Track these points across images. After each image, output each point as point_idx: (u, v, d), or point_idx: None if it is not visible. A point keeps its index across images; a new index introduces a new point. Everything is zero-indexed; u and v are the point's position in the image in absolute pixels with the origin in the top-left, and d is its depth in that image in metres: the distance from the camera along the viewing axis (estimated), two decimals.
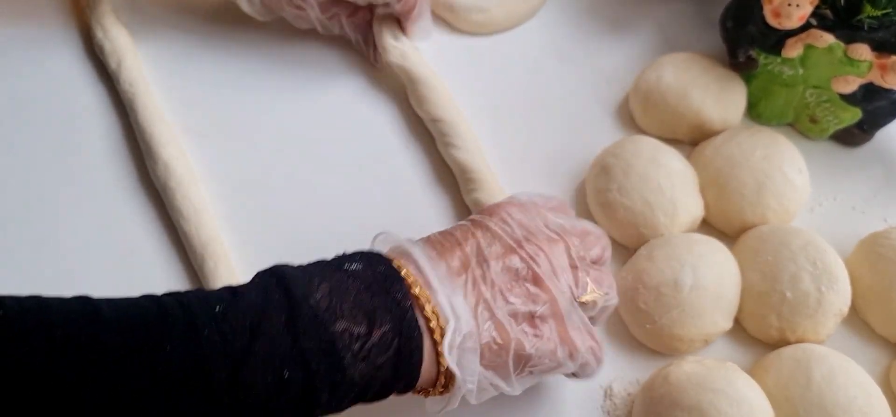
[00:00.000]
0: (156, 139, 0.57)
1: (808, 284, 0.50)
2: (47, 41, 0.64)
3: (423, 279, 0.40)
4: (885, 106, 0.57)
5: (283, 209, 0.57)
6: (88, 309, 0.36)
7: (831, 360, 0.48)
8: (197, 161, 0.59)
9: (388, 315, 0.38)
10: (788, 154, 0.56)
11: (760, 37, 0.56)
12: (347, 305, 0.38)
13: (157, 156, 0.56)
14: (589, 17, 0.67)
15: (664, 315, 0.50)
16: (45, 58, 0.63)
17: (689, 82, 0.59)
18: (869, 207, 0.58)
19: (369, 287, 0.39)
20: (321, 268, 0.40)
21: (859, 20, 0.53)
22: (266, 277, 0.39)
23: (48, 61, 0.63)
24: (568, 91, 0.63)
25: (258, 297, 0.37)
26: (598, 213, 0.56)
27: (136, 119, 0.58)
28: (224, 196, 0.58)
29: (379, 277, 0.39)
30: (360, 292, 0.38)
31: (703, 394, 0.46)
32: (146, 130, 0.57)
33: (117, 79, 0.60)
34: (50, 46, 0.63)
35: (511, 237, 0.43)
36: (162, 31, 0.64)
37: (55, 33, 0.64)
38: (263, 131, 0.60)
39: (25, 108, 0.61)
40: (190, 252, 0.54)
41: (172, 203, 0.55)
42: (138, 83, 0.60)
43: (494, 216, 0.44)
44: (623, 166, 0.55)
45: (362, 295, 0.38)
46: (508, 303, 0.42)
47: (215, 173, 0.59)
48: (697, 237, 0.53)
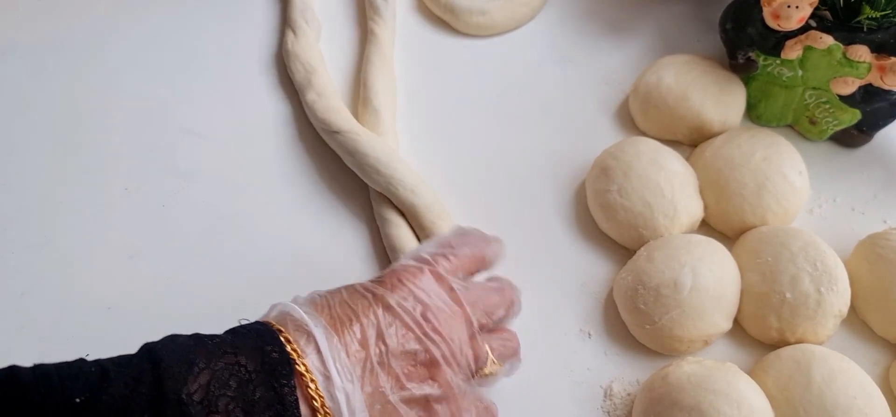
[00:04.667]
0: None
1: (807, 285, 0.50)
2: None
3: (323, 367, 0.39)
4: (884, 107, 0.57)
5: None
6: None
7: (831, 361, 0.48)
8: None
9: (266, 410, 0.36)
10: (788, 155, 0.56)
11: (760, 38, 0.56)
12: (224, 401, 0.36)
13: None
14: (589, 18, 0.67)
15: (664, 315, 0.50)
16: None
17: (688, 84, 0.59)
18: (868, 208, 0.58)
19: (253, 378, 0.37)
20: (206, 352, 0.37)
21: (858, 22, 0.53)
22: (143, 360, 0.37)
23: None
24: (568, 92, 0.64)
25: (126, 388, 0.35)
26: (597, 214, 0.56)
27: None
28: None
29: (268, 366, 0.37)
30: (243, 383, 0.36)
31: (702, 395, 0.46)
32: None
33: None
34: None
35: (411, 317, 0.42)
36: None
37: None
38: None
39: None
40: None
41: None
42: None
43: (396, 289, 0.42)
44: (623, 167, 0.55)
45: (245, 387, 0.36)
46: (404, 390, 0.40)
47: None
48: (697, 238, 0.53)
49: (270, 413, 0.36)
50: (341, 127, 0.57)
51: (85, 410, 0.34)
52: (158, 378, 0.35)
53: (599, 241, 0.57)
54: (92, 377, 0.35)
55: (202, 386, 0.36)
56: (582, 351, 0.52)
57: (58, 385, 0.35)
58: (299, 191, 0.58)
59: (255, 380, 0.37)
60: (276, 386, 0.37)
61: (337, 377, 0.39)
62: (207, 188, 0.58)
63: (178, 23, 0.67)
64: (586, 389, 0.51)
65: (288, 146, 0.60)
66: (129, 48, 0.65)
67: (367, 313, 0.42)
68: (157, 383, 0.35)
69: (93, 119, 0.61)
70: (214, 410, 0.35)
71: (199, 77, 0.64)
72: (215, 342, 0.38)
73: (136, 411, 0.34)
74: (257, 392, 0.36)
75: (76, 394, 0.34)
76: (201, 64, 0.65)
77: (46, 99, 0.62)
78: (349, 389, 0.39)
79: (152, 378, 0.35)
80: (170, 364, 0.36)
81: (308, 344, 0.39)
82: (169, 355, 0.37)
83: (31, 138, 0.60)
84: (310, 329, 0.40)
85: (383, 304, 0.42)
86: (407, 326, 0.42)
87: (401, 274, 0.44)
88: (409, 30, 0.67)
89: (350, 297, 0.42)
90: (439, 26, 0.67)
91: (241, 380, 0.37)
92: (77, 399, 0.34)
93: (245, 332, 0.39)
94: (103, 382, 0.35)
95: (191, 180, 0.58)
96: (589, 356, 0.52)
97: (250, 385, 0.37)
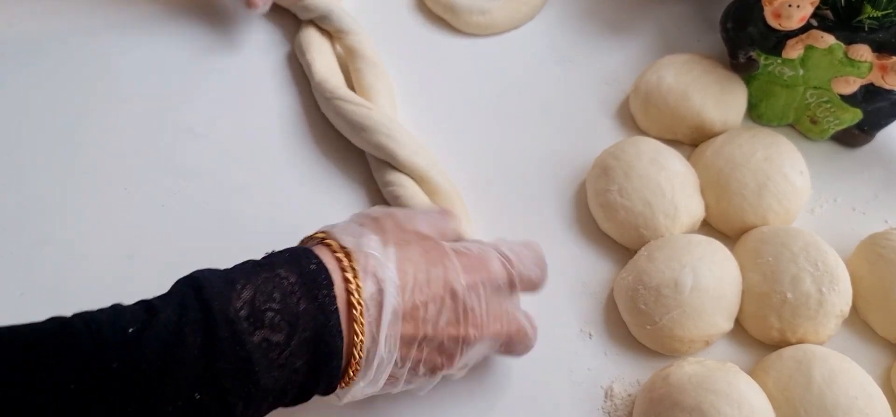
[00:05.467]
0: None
1: (808, 285, 0.50)
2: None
3: (372, 273, 0.40)
4: (885, 107, 0.57)
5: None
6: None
7: (832, 361, 0.48)
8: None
9: (311, 321, 0.37)
10: (789, 155, 0.56)
11: (761, 38, 0.56)
12: (269, 313, 0.37)
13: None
14: (589, 18, 0.67)
15: (665, 316, 0.50)
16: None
17: (689, 83, 0.59)
18: (869, 208, 0.58)
19: (295, 290, 0.38)
20: (247, 271, 0.39)
21: (860, 21, 0.53)
22: (184, 288, 0.38)
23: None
24: (568, 92, 0.63)
25: (174, 315, 0.36)
26: (598, 214, 0.56)
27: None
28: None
29: (307, 278, 0.38)
30: (286, 295, 0.37)
31: (703, 395, 0.46)
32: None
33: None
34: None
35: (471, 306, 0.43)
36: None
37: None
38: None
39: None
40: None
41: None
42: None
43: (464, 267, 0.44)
44: (624, 167, 0.55)
45: (287, 299, 0.37)
46: (433, 332, 0.42)
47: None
48: (698, 238, 0.53)
49: (313, 324, 0.37)
50: (349, 96, 0.58)
51: (138, 340, 0.35)
52: (204, 300, 0.36)
53: (600, 241, 0.57)
54: (137, 311, 0.36)
55: (247, 301, 0.37)
56: (582, 352, 0.52)
57: (107, 322, 0.35)
58: (300, 191, 0.58)
59: (298, 292, 0.38)
60: (318, 297, 0.38)
61: (387, 278, 0.40)
62: (207, 187, 0.58)
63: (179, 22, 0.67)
64: (587, 389, 0.51)
65: (288, 146, 0.60)
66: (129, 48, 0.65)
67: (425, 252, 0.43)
68: (203, 305, 0.36)
69: (92, 118, 0.61)
70: (261, 324, 0.36)
71: (198, 76, 0.64)
72: (251, 264, 0.39)
73: (187, 334, 0.35)
74: (301, 303, 0.37)
75: (128, 326, 0.35)
76: (201, 63, 0.64)
77: (46, 98, 0.61)
78: (394, 300, 0.40)
79: (198, 302, 0.36)
80: (213, 286, 0.37)
81: (365, 262, 0.40)
82: (209, 279, 0.37)
83: (31, 138, 0.60)
84: (360, 235, 0.41)
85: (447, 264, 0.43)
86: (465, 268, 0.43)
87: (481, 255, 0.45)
88: (409, 30, 0.67)
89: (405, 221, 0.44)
90: (439, 26, 0.67)
91: (283, 292, 0.37)
92: (129, 329, 0.35)
93: (279, 254, 0.41)
94: (151, 313, 0.36)
95: (190, 179, 0.58)
96: (589, 356, 0.52)
97: (293, 296, 0.37)
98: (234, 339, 0.36)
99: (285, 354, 0.37)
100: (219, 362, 0.35)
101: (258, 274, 0.38)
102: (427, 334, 0.42)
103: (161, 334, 0.35)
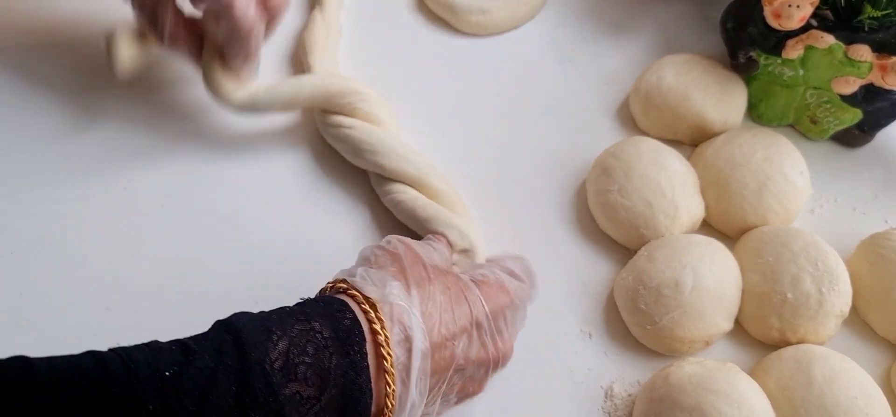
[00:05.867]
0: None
1: (808, 285, 0.50)
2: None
3: (400, 319, 0.40)
4: (885, 107, 0.57)
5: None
6: (21, 369, 0.34)
7: (832, 361, 0.48)
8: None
9: (341, 378, 0.38)
10: (789, 155, 0.56)
11: (761, 38, 0.56)
12: (302, 367, 0.37)
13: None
14: (589, 18, 0.67)
15: (665, 316, 0.50)
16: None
17: (689, 83, 0.59)
18: (869, 208, 0.58)
19: (328, 345, 0.38)
20: (283, 320, 0.39)
21: (860, 21, 0.53)
22: (222, 333, 0.38)
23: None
24: (568, 92, 0.63)
25: (211, 360, 0.36)
26: (598, 214, 0.56)
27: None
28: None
29: (341, 332, 0.39)
30: (319, 349, 0.38)
31: (703, 395, 0.46)
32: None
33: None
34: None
35: (487, 323, 0.44)
36: None
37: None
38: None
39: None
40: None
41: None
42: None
43: (482, 289, 0.45)
44: (624, 167, 0.55)
45: (320, 353, 0.38)
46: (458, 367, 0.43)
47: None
48: (698, 238, 0.53)
49: (343, 381, 0.38)
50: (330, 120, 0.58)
51: (174, 383, 0.35)
52: (241, 348, 0.36)
53: (600, 241, 0.57)
54: (175, 353, 0.36)
55: (282, 354, 0.37)
56: (582, 352, 0.52)
57: (144, 362, 0.35)
58: (300, 190, 0.58)
59: (331, 347, 0.38)
60: (350, 353, 0.38)
61: (414, 324, 0.40)
62: (207, 187, 0.58)
63: None
64: (587, 390, 0.51)
65: (288, 145, 0.60)
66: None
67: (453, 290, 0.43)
68: (240, 353, 0.36)
69: (92, 118, 0.61)
70: (294, 378, 0.37)
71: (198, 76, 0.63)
72: (286, 312, 0.40)
73: (222, 381, 0.35)
74: (333, 358, 0.38)
75: (165, 368, 0.35)
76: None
77: (46, 98, 0.61)
78: (420, 343, 0.40)
79: (235, 349, 0.36)
80: (250, 335, 0.37)
81: (391, 312, 0.41)
82: (246, 326, 0.38)
83: (31, 138, 0.60)
84: (387, 287, 0.41)
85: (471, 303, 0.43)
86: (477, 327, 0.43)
87: (490, 285, 0.45)
88: (409, 29, 0.67)
89: (427, 266, 0.44)
90: (439, 26, 0.67)
91: (317, 346, 0.38)
92: (166, 372, 0.35)
93: (314, 301, 0.41)
94: (188, 356, 0.36)
95: (190, 179, 0.58)
96: (589, 356, 0.52)
97: (326, 351, 0.38)
98: (267, 391, 0.36)
99: (316, 409, 0.37)
100: (252, 412, 0.35)
101: (293, 325, 0.38)
102: (458, 366, 0.42)
103: (197, 379, 0.35)
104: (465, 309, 0.43)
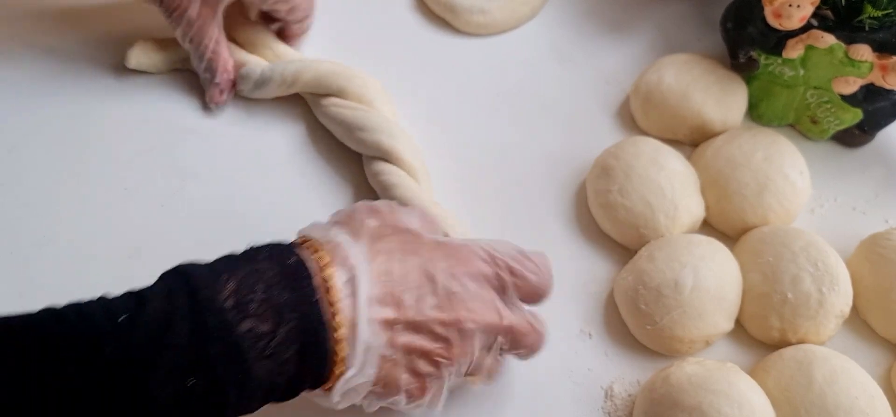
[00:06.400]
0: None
1: (809, 285, 0.50)
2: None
3: (346, 270, 0.40)
4: (885, 107, 0.57)
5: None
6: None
7: (833, 361, 0.48)
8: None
9: (294, 312, 0.38)
10: (789, 155, 0.56)
11: (761, 38, 0.56)
12: (254, 303, 0.37)
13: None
14: (589, 17, 0.67)
15: (665, 316, 0.50)
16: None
17: (689, 83, 0.59)
18: (870, 208, 0.58)
19: (277, 282, 0.38)
20: (229, 264, 0.39)
21: (860, 21, 0.53)
22: (171, 279, 0.38)
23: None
24: (568, 92, 0.63)
25: (163, 304, 0.36)
26: (598, 214, 0.56)
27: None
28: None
29: (287, 271, 0.39)
30: (268, 288, 0.38)
31: (703, 395, 0.46)
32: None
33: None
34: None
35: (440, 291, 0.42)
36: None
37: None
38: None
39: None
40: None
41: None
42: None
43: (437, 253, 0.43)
44: (624, 167, 0.55)
45: (270, 291, 0.38)
46: (427, 331, 0.42)
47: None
48: (698, 238, 0.53)
49: (296, 314, 0.38)
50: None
51: (130, 327, 0.35)
52: (192, 289, 0.37)
53: (600, 241, 0.56)
54: (127, 301, 0.37)
55: (233, 292, 0.37)
56: (582, 352, 0.52)
57: (99, 312, 0.36)
58: (300, 190, 0.58)
59: (280, 283, 0.38)
60: (300, 288, 0.38)
61: (359, 275, 0.40)
62: (207, 187, 0.58)
63: None
64: (587, 390, 0.51)
65: (288, 145, 0.60)
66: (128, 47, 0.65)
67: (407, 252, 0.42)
68: (191, 294, 0.37)
69: (92, 118, 0.61)
70: (246, 314, 0.37)
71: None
72: (233, 257, 0.40)
73: (177, 322, 0.36)
74: (283, 294, 0.38)
75: (119, 315, 0.35)
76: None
77: (46, 98, 0.61)
78: (367, 291, 0.40)
79: (187, 291, 0.37)
80: (199, 278, 0.37)
81: (334, 252, 0.41)
82: (195, 270, 0.38)
83: (31, 137, 0.60)
84: (333, 237, 0.41)
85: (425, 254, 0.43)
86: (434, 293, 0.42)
87: (456, 248, 0.44)
88: (409, 29, 0.67)
89: (388, 229, 0.44)
90: (439, 25, 0.67)
91: (266, 284, 0.38)
92: (119, 318, 0.35)
93: (258, 248, 0.41)
94: (140, 302, 0.36)
95: (190, 179, 0.58)
96: (589, 356, 0.52)
97: (276, 288, 0.38)
98: (223, 327, 0.36)
99: (274, 344, 0.37)
100: (210, 347, 0.36)
101: (240, 267, 0.39)
102: (411, 318, 0.41)
103: (151, 321, 0.36)
104: (415, 261, 0.42)
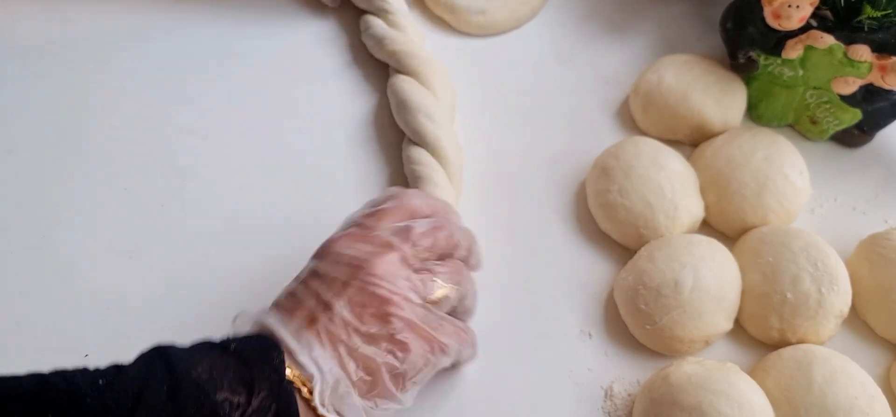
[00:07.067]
0: None
1: (808, 285, 0.50)
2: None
3: (283, 344, 0.41)
4: (885, 107, 0.57)
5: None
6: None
7: (832, 361, 0.48)
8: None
9: (265, 382, 0.39)
10: (789, 155, 0.56)
11: (760, 38, 0.56)
12: (227, 379, 0.38)
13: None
14: (589, 18, 0.67)
15: (664, 316, 0.50)
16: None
17: (689, 83, 0.59)
18: (869, 208, 0.58)
19: (247, 360, 0.39)
20: (202, 347, 0.41)
21: (859, 21, 0.53)
22: (148, 354, 0.40)
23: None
24: (568, 92, 0.63)
25: (141, 371, 0.38)
26: (598, 214, 0.56)
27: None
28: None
29: (256, 348, 0.40)
30: (239, 366, 0.39)
31: (703, 395, 0.46)
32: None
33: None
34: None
35: (342, 274, 0.44)
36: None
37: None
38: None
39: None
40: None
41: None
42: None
43: (323, 259, 0.45)
44: (623, 167, 0.55)
45: (241, 369, 0.39)
46: (364, 334, 0.42)
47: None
48: (698, 238, 0.53)
49: (267, 384, 0.39)
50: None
51: (110, 387, 0.37)
52: (169, 361, 0.38)
53: (600, 241, 0.57)
54: (107, 369, 0.38)
55: (206, 369, 0.39)
56: (582, 352, 0.52)
57: (80, 375, 0.37)
58: (300, 191, 0.58)
59: (250, 360, 0.39)
60: (268, 358, 0.40)
61: (296, 345, 0.41)
62: (207, 187, 0.58)
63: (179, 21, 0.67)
64: (587, 390, 0.51)
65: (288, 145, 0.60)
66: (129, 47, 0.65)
67: (305, 293, 0.44)
68: (168, 364, 0.38)
69: (92, 118, 0.61)
70: (221, 387, 0.38)
71: (199, 76, 0.64)
72: (205, 343, 0.41)
73: (155, 385, 0.37)
74: (253, 369, 0.39)
75: (99, 379, 0.37)
76: (202, 63, 0.64)
77: (46, 98, 0.62)
78: (312, 353, 0.41)
79: (163, 363, 0.38)
80: (175, 353, 0.39)
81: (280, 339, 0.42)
82: (170, 347, 0.40)
83: (31, 138, 0.60)
84: (264, 320, 0.43)
85: (316, 276, 0.44)
86: (342, 284, 0.43)
87: (327, 245, 0.46)
88: None
89: (291, 290, 0.45)
90: (439, 26, 0.67)
91: (237, 364, 0.39)
92: (100, 381, 0.37)
93: (230, 339, 0.42)
94: (118, 370, 0.38)
95: (190, 179, 0.58)
96: (589, 356, 0.52)
97: (246, 365, 0.39)
98: (198, 393, 0.37)
99: (248, 413, 0.38)
100: (187, 410, 0.37)
101: (211, 349, 0.40)
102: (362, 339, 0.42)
103: (131, 383, 0.37)
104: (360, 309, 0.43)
